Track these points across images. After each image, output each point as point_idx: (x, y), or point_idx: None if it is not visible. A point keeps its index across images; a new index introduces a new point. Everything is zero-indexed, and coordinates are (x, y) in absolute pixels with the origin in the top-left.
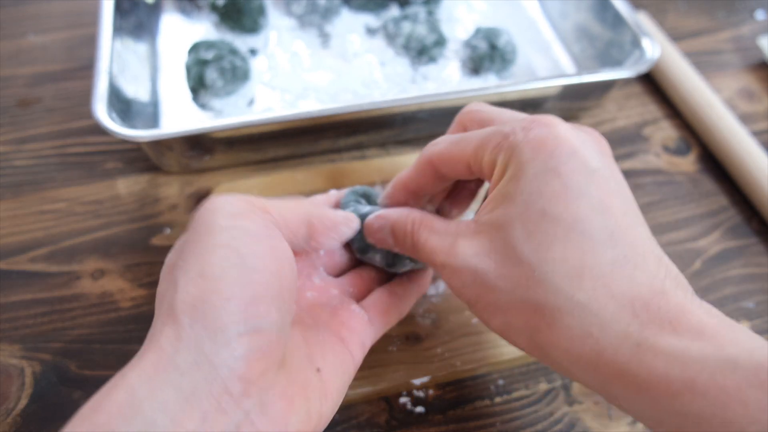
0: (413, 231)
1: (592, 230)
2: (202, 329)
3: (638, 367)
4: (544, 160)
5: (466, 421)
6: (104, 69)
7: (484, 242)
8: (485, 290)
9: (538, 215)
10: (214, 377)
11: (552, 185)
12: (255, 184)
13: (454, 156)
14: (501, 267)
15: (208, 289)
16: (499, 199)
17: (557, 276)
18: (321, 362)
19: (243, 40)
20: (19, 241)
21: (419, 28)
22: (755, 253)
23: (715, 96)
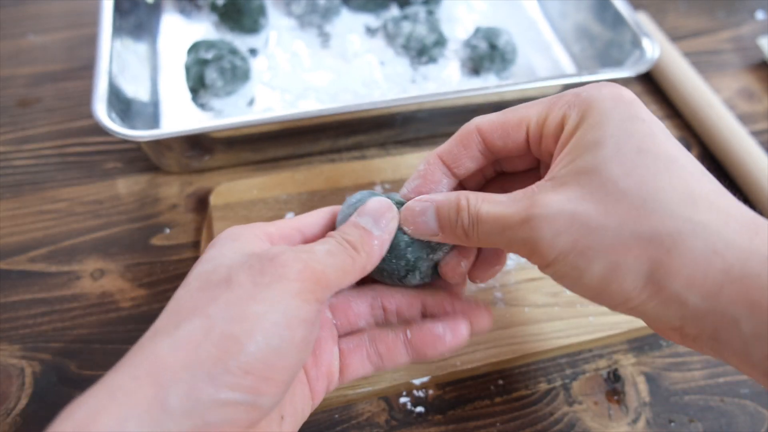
0: (470, 206)
1: (688, 165)
2: (209, 385)
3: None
4: (625, 108)
5: (466, 421)
6: (104, 69)
7: (574, 189)
8: (586, 233)
9: (633, 153)
10: (199, 428)
11: (640, 128)
12: (255, 184)
13: (510, 120)
14: (604, 206)
15: (235, 353)
16: (581, 148)
17: (671, 202)
18: (287, 410)
19: (243, 40)
20: (19, 241)
21: (419, 28)
22: None
23: (715, 96)
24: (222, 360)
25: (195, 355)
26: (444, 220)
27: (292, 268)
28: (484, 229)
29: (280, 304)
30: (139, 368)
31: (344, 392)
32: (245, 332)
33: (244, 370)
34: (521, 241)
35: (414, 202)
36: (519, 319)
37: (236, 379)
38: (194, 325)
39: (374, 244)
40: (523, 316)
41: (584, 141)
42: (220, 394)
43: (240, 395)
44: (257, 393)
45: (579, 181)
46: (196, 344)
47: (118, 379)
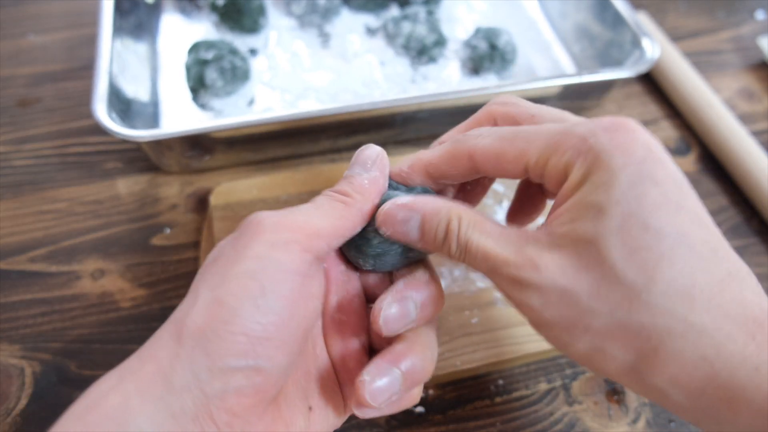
0: (460, 231)
1: (696, 245)
2: (202, 356)
3: (755, 392)
4: (637, 167)
5: (466, 421)
6: (104, 69)
7: (571, 258)
8: (575, 312)
9: (639, 229)
10: (203, 404)
11: (652, 196)
12: (255, 184)
13: (506, 154)
14: (597, 287)
15: (220, 318)
16: (583, 209)
17: (667, 297)
18: (315, 401)
19: (243, 40)
20: (19, 241)
21: (419, 28)
22: (755, 253)
23: (715, 96)
24: (211, 327)
25: (185, 328)
26: (428, 235)
27: (266, 223)
28: (471, 261)
29: (260, 260)
30: (146, 351)
31: None
32: (229, 293)
33: (236, 332)
34: (508, 294)
35: (397, 208)
36: (519, 319)
37: (229, 344)
38: (186, 302)
39: (364, 184)
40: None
41: (587, 201)
42: (216, 362)
43: (236, 361)
44: (256, 356)
45: (577, 249)
46: (185, 319)
47: (128, 363)
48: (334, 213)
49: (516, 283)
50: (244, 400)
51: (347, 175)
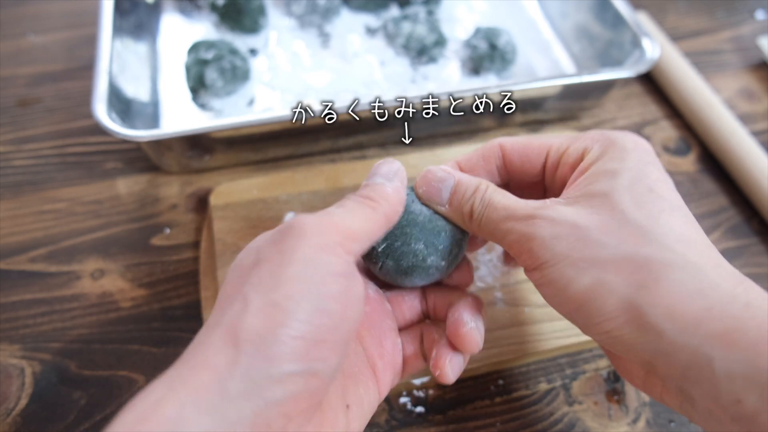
0: (486, 191)
1: (690, 218)
2: (262, 361)
3: (747, 324)
4: (645, 154)
5: (466, 421)
6: (104, 69)
7: (584, 207)
8: (583, 244)
9: (645, 190)
10: (262, 411)
11: (654, 173)
12: (255, 184)
13: (531, 143)
14: (607, 224)
15: (278, 322)
16: (599, 174)
17: (670, 238)
18: (352, 398)
19: (243, 40)
20: (18, 241)
21: (419, 28)
22: (755, 253)
23: (715, 96)
24: (271, 331)
25: (242, 334)
26: (458, 194)
27: (309, 226)
28: (490, 214)
29: (309, 262)
30: (195, 358)
31: None
32: (284, 297)
33: (294, 336)
34: (519, 233)
35: (437, 169)
36: (519, 319)
37: (288, 348)
38: (234, 308)
39: (389, 192)
40: (523, 316)
41: (602, 169)
42: (274, 368)
43: (295, 365)
44: (312, 359)
45: (590, 202)
46: (240, 324)
47: (176, 371)
48: (364, 215)
49: (530, 218)
50: (300, 405)
51: (370, 183)
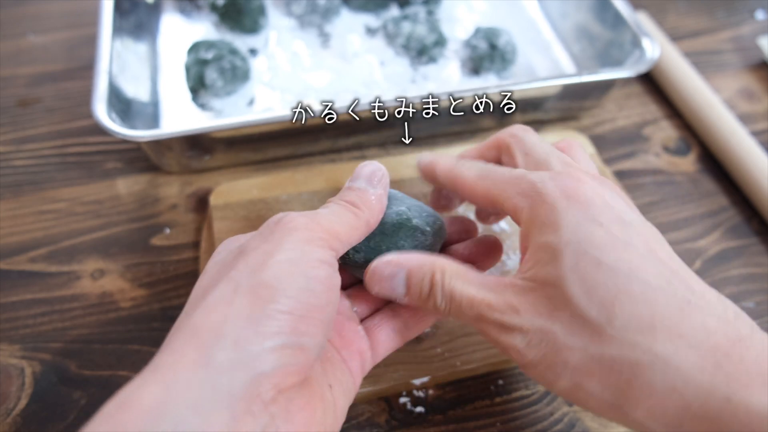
0: (444, 283)
1: (650, 278)
2: (252, 335)
3: (730, 423)
4: (581, 210)
5: (466, 421)
6: (104, 69)
7: (543, 300)
8: (554, 349)
9: (593, 266)
10: (251, 379)
11: (598, 235)
12: (255, 184)
13: (476, 190)
14: (570, 326)
15: (266, 298)
16: (541, 253)
17: (629, 330)
18: (332, 379)
19: (243, 40)
20: (19, 241)
21: (419, 28)
22: (755, 253)
23: (715, 96)
24: (259, 306)
25: (231, 310)
26: (414, 289)
27: (298, 222)
28: (456, 309)
29: (297, 249)
30: (176, 342)
31: None
32: (273, 277)
33: (282, 310)
34: (496, 339)
35: (383, 265)
36: None
37: (277, 322)
38: (220, 289)
39: (372, 200)
40: None
41: (541, 244)
42: (266, 341)
43: (284, 338)
44: (300, 333)
45: (545, 290)
46: (229, 301)
47: (159, 358)
48: (348, 220)
49: (501, 328)
50: (289, 378)
51: (354, 187)
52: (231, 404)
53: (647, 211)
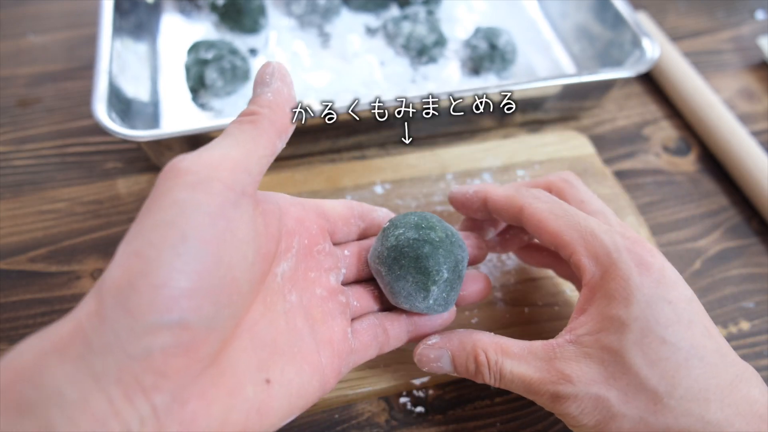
0: (490, 362)
1: (707, 354)
2: (122, 313)
3: None
4: (653, 287)
5: (466, 421)
6: (104, 69)
7: (599, 367)
8: (608, 416)
9: (658, 343)
10: (126, 365)
11: (666, 313)
12: None
13: (547, 227)
14: (625, 394)
15: (137, 271)
16: (606, 322)
17: (686, 400)
18: (277, 374)
19: (243, 40)
20: (19, 241)
21: (419, 28)
22: (755, 253)
23: (715, 96)
24: (128, 281)
25: (104, 286)
26: (460, 368)
27: (182, 165)
28: (508, 385)
29: (178, 205)
30: (69, 313)
31: (344, 392)
32: (146, 243)
33: (155, 284)
34: (550, 408)
35: (428, 349)
36: (519, 319)
37: (150, 298)
38: (116, 254)
39: (269, 97)
40: (523, 316)
41: (609, 314)
42: (138, 320)
43: (160, 316)
44: (180, 309)
45: (602, 358)
46: (103, 276)
47: (51, 326)
48: (246, 136)
49: (555, 398)
50: (174, 360)
51: (251, 98)
52: (106, 387)
53: (647, 211)
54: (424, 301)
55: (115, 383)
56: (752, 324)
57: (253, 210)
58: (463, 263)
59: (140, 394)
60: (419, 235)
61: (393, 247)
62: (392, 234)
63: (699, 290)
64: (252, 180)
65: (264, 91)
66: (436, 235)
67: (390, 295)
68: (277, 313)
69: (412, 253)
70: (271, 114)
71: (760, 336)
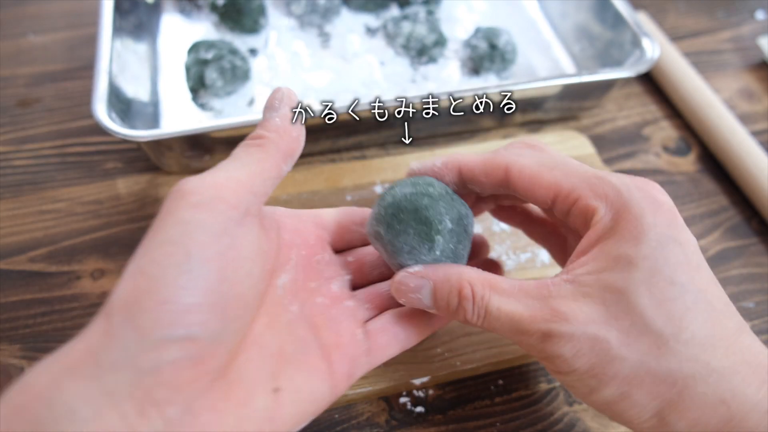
0: (476, 297)
1: (714, 300)
2: (131, 330)
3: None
4: (665, 227)
5: (466, 421)
6: (104, 69)
7: (599, 306)
8: (605, 359)
9: (666, 283)
10: (137, 381)
11: (676, 254)
12: None
13: (542, 179)
14: (626, 336)
15: (144, 289)
16: (612, 261)
17: (693, 345)
18: (286, 383)
19: (243, 40)
20: (19, 241)
21: (419, 28)
22: (755, 253)
23: (715, 96)
24: (135, 298)
25: (112, 304)
26: (441, 303)
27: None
28: (492, 324)
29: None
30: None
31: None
32: (151, 262)
33: (160, 301)
34: (538, 350)
35: (408, 276)
36: None
37: (157, 315)
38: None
39: (277, 122)
40: None
41: (616, 253)
42: (146, 336)
43: (166, 331)
44: (187, 325)
45: (604, 298)
46: (111, 295)
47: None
48: (252, 158)
49: (547, 337)
50: (183, 373)
51: (259, 122)
52: (119, 404)
53: None
54: (429, 252)
55: (128, 398)
56: (752, 324)
57: (258, 229)
58: (468, 219)
59: (153, 408)
60: (416, 189)
61: (390, 204)
62: (388, 194)
63: None
64: (256, 200)
65: (272, 116)
66: (434, 190)
67: (392, 256)
68: (281, 324)
69: (410, 206)
70: (277, 138)
71: (760, 336)
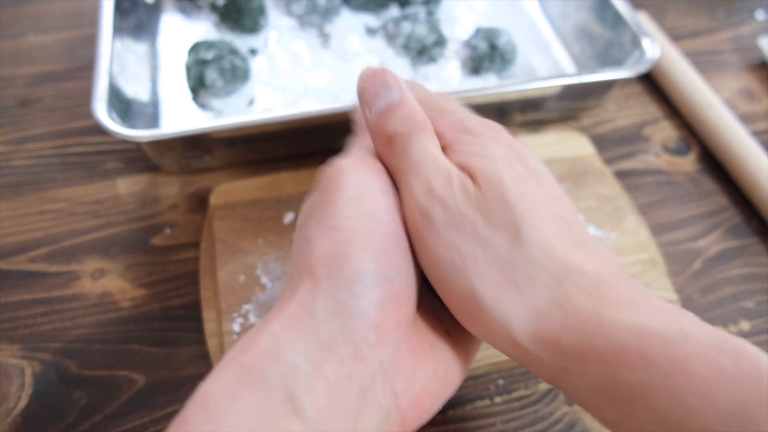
0: (427, 148)
1: (552, 216)
2: (339, 279)
3: (600, 340)
4: (508, 149)
5: (466, 421)
6: (104, 69)
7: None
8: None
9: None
10: (351, 325)
11: (517, 171)
12: (255, 184)
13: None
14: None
15: (343, 241)
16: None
17: (532, 245)
18: (450, 326)
19: (243, 40)
20: (19, 241)
21: (419, 28)
22: (755, 253)
23: (715, 96)
24: (338, 250)
25: (315, 262)
26: (393, 120)
27: (343, 163)
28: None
29: (354, 185)
30: (280, 302)
31: None
32: (342, 218)
33: (361, 248)
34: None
35: (391, 74)
36: None
37: (360, 262)
38: (303, 252)
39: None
40: None
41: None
42: (353, 282)
43: (371, 276)
44: (385, 266)
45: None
46: (310, 256)
47: (269, 314)
48: (368, 144)
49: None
50: (389, 316)
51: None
52: (336, 350)
53: (647, 211)
54: None
55: (344, 345)
56: (752, 324)
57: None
58: None
59: (368, 350)
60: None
61: None
62: None
63: (699, 290)
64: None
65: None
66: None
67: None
68: None
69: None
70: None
71: (760, 336)
